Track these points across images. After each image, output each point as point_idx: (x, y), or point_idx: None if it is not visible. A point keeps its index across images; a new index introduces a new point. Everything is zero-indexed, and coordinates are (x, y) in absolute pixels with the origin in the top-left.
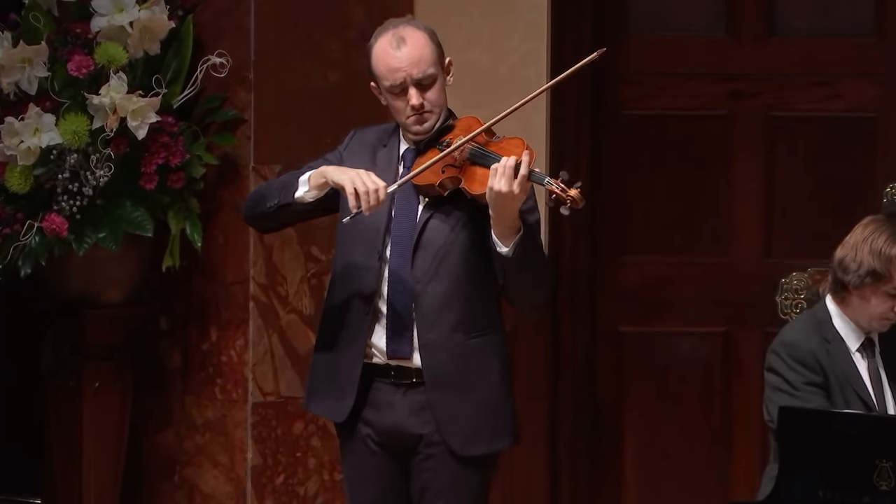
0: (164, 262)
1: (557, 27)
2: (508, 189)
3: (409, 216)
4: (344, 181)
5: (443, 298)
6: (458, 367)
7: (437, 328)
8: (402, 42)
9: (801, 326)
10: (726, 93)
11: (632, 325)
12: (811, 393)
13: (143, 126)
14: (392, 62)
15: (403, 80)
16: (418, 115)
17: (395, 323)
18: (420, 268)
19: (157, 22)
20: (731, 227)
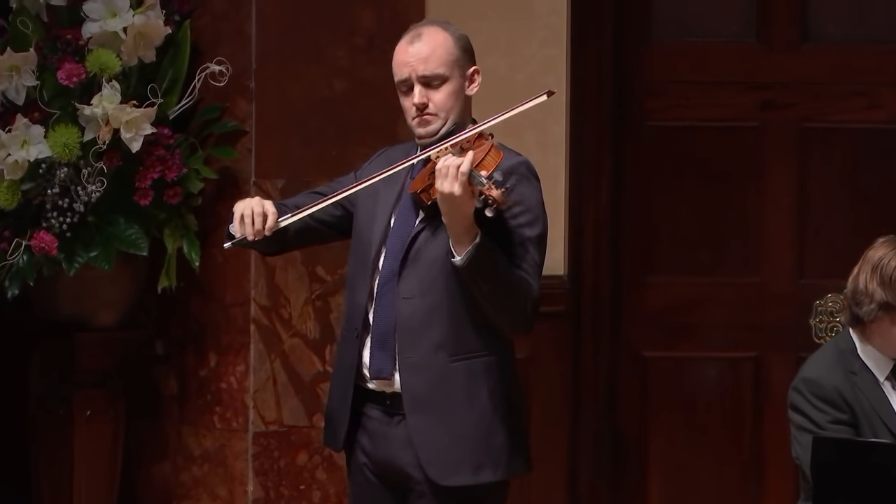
0: (160, 282)
1: (578, 33)
2: (450, 190)
3: (404, 228)
4: (236, 208)
5: (426, 316)
6: (439, 391)
7: (419, 348)
8: (417, 38)
9: (823, 360)
10: (757, 103)
11: (657, 350)
12: (838, 431)
13: (138, 138)
14: (402, 56)
15: (409, 75)
16: (420, 117)
17: (379, 340)
18: (406, 282)
19: (153, 27)
20: (762, 245)
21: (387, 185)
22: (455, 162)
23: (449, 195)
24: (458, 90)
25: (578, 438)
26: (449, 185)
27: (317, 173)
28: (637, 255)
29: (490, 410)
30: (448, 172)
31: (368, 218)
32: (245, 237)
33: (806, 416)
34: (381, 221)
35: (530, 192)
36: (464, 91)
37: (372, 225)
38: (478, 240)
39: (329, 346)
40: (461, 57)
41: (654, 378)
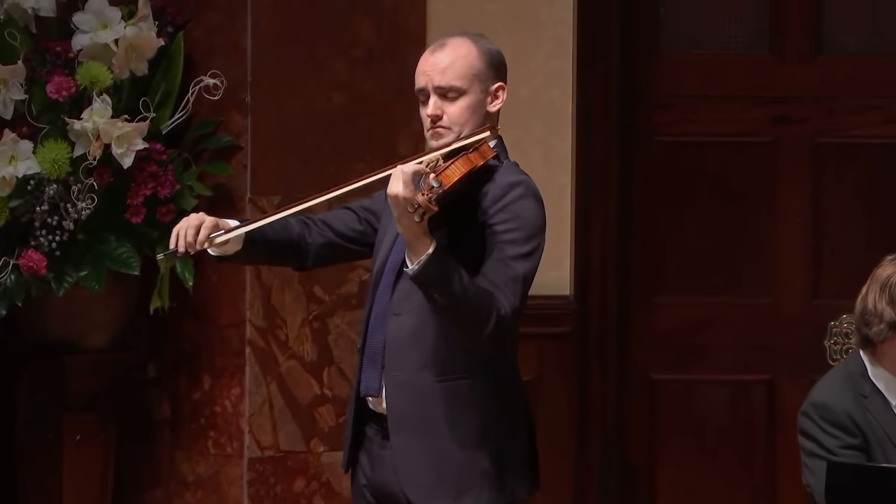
0: (152, 303)
1: (584, 45)
2: (394, 191)
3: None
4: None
5: (413, 334)
6: (421, 412)
7: (406, 366)
8: (440, 48)
9: (833, 383)
10: (770, 117)
11: (666, 373)
12: (850, 457)
13: (129, 154)
14: (422, 64)
15: (425, 85)
16: (433, 129)
17: (369, 356)
18: (398, 298)
19: (145, 39)
20: (775, 264)
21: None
22: (402, 166)
23: (393, 196)
24: (476, 105)
25: (585, 464)
26: (394, 185)
27: (314, 190)
28: (645, 275)
29: (477, 435)
30: (395, 174)
31: (382, 232)
32: (176, 250)
33: (816, 441)
34: (390, 235)
35: (524, 209)
36: (483, 107)
37: (384, 238)
38: (430, 249)
39: (327, 368)
40: (484, 71)
41: (663, 401)
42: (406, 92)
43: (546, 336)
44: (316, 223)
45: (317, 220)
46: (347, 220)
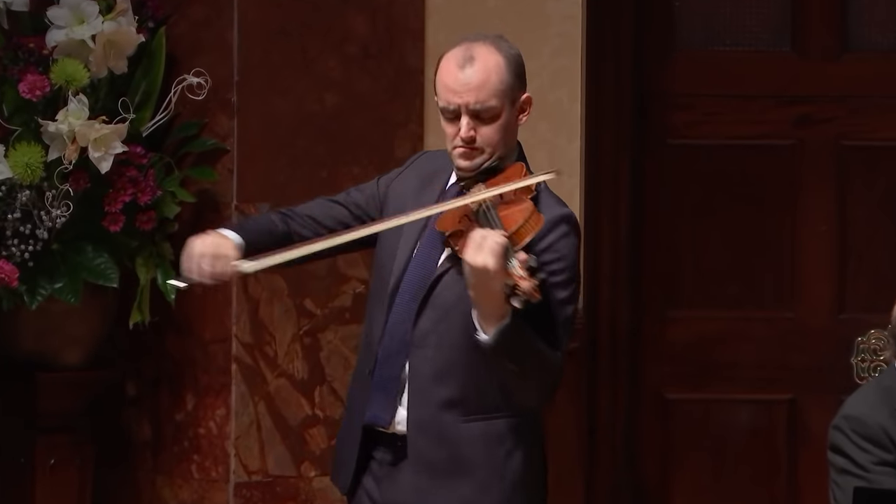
0: (132, 317)
1: (594, 41)
2: (483, 264)
3: (426, 264)
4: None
5: (439, 370)
6: (446, 454)
7: (429, 405)
8: (469, 61)
9: (867, 397)
10: (792, 118)
11: (681, 392)
12: (884, 474)
13: (107, 158)
14: (451, 81)
15: (457, 106)
16: (466, 149)
17: (380, 382)
18: (422, 329)
19: (124, 35)
20: (797, 276)
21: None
22: (493, 236)
23: (482, 269)
24: (509, 123)
25: (595, 489)
26: (483, 258)
27: (305, 196)
28: (659, 287)
29: (509, 476)
30: (483, 245)
31: (391, 243)
32: (191, 280)
33: (848, 456)
34: (404, 251)
35: (568, 248)
36: (515, 123)
37: (395, 252)
38: (509, 319)
39: (318, 387)
40: (514, 84)
41: (679, 422)
42: (404, 91)
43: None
44: (300, 217)
45: (300, 215)
46: (338, 216)
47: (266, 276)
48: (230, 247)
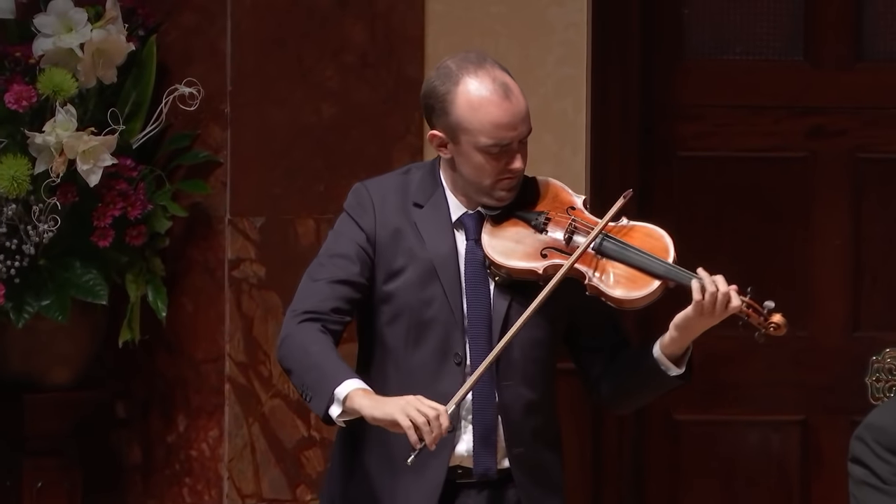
0: (122, 335)
1: (600, 50)
2: (720, 315)
3: (482, 298)
4: (394, 415)
5: (527, 404)
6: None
7: (522, 439)
8: (508, 90)
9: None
10: (805, 130)
11: (689, 413)
12: None
13: (96, 170)
14: (502, 117)
15: (512, 139)
16: (514, 180)
17: (482, 436)
18: (505, 366)
19: (114, 44)
20: (810, 293)
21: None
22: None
23: (708, 318)
24: None
25: None
26: (721, 310)
27: (301, 211)
28: (667, 304)
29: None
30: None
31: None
32: (425, 446)
33: (868, 468)
34: (453, 296)
35: None
36: None
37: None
38: (691, 348)
39: None
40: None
41: (687, 444)
42: (403, 102)
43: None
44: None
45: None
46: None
47: (260, 292)
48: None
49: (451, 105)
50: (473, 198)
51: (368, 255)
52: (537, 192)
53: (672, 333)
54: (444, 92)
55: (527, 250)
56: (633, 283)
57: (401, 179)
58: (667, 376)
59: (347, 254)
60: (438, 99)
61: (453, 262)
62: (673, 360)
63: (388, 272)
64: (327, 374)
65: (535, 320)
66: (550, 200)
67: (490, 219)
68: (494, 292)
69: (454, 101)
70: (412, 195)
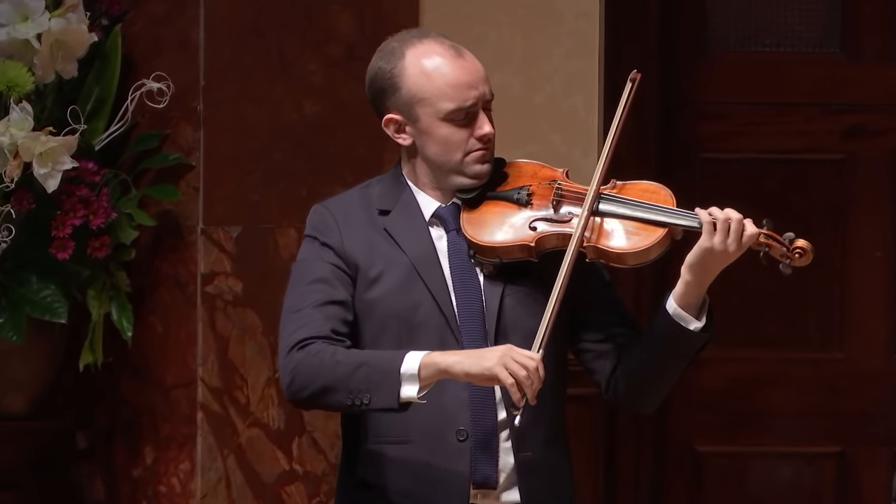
0: (83, 358)
1: (613, 41)
2: (736, 249)
3: (473, 292)
4: (495, 370)
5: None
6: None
7: (532, 443)
8: (459, 49)
9: None
10: (841, 129)
11: (713, 443)
12: None
13: (55, 175)
14: (460, 75)
15: (476, 100)
16: (486, 150)
17: (482, 441)
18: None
19: (74, 34)
20: (847, 311)
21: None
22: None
23: (730, 254)
24: None
25: None
26: (735, 242)
27: (282, 219)
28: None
29: None
30: (735, 227)
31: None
32: (527, 401)
33: None
34: (441, 294)
35: None
36: None
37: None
38: (708, 299)
39: (297, 438)
40: None
41: (711, 479)
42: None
43: (567, 398)
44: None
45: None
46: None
47: (237, 310)
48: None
49: (400, 78)
50: (446, 183)
51: (345, 272)
52: (515, 171)
53: (686, 278)
54: (391, 68)
55: (514, 226)
56: (636, 234)
57: (361, 193)
58: (688, 332)
59: (323, 277)
60: (386, 78)
61: (434, 259)
62: (691, 312)
63: (365, 282)
64: (382, 361)
65: (536, 309)
66: (530, 176)
67: (467, 206)
68: (485, 284)
69: (403, 73)
70: (376, 205)
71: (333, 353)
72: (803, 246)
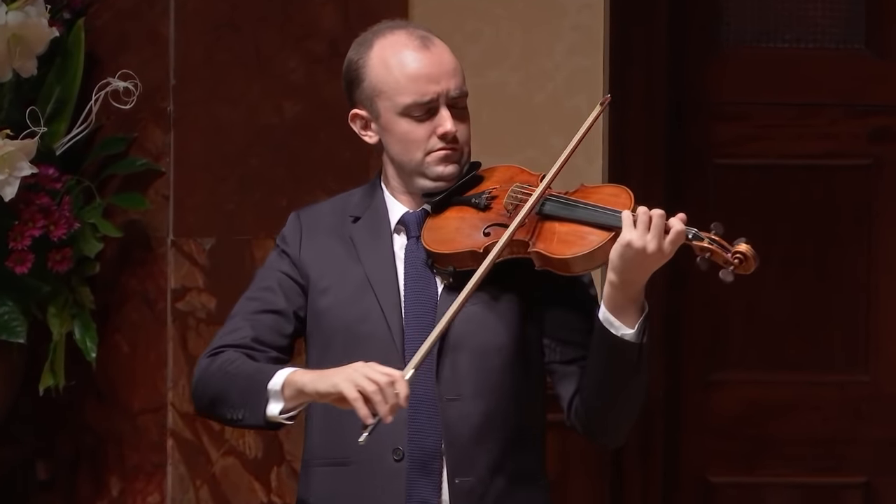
0: (43, 381)
1: (619, 37)
2: (657, 247)
3: (425, 303)
4: (340, 387)
5: (480, 424)
6: None
7: (474, 467)
8: (428, 41)
9: None
10: (867, 132)
11: (728, 473)
12: None
13: (12, 181)
14: (420, 68)
15: (436, 95)
16: (449, 150)
17: (420, 462)
18: (448, 375)
19: (34, 29)
20: (874, 328)
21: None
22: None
23: (654, 253)
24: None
25: None
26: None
27: (259, 230)
28: (701, 344)
29: None
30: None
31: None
32: (380, 420)
33: None
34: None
35: None
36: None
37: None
38: (647, 308)
39: (276, 468)
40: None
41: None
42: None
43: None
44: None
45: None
46: (277, 327)
47: (210, 328)
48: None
49: (364, 70)
50: (412, 186)
51: (296, 281)
52: (490, 175)
53: (609, 277)
54: (357, 59)
55: (468, 232)
56: (578, 238)
57: (341, 200)
58: (616, 339)
59: (269, 285)
60: (353, 69)
61: (390, 269)
62: (623, 317)
63: (316, 292)
64: (255, 378)
65: (490, 323)
66: (504, 180)
67: (434, 211)
68: (441, 295)
69: (367, 65)
70: (350, 211)
71: (230, 364)
72: (743, 251)
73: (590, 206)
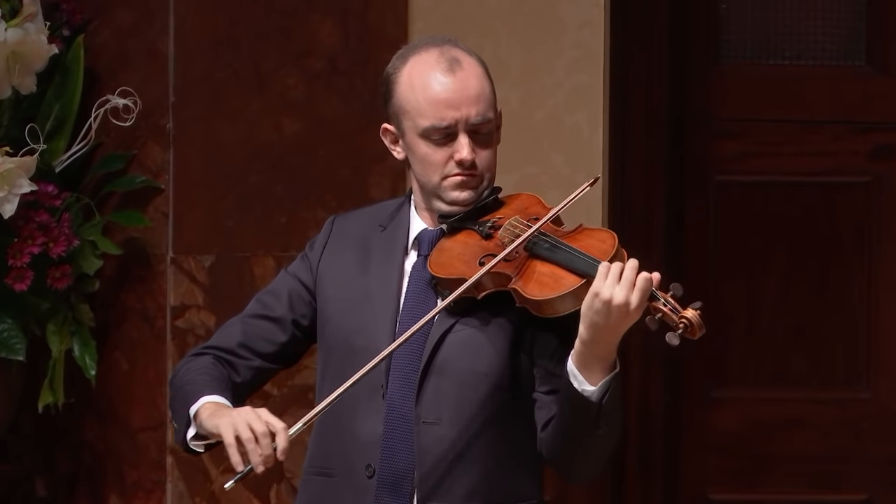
0: (42, 398)
1: (620, 53)
2: (625, 299)
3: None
4: (221, 429)
5: (456, 449)
6: None
7: (447, 494)
8: (456, 64)
9: None
10: (868, 150)
11: (729, 491)
12: None
13: (12, 199)
14: (441, 92)
15: (454, 121)
16: (466, 176)
17: (390, 482)
18: (428, 401)
19: (33, 46)
20: (875, 345)
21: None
22: (632, 266)
23: (622, 307)
24: (497, 140)
25: None
26: (626, 294)
27: (258, 248)
28: (701, 360)
29: None
30: (627, 278)
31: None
32: (251, 468)
33: None
34: (384, 319)
35: None
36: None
37: (367, 325)
38: (618, 367)
39: (275, 485)
40: (494, 93)
41: None
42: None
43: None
44: (238, 355)
45: (237, 351)
46: (269, 335)
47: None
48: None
49: (394, 85)
50: (431, 205)
51: (307, 287)
52: (509, 203)
53: (580, 331)
54: (392, 72)
55: (466, 259)
56: (554, 280)
57: (380, 207)
58: (577, 394)
59: (278, 290)
60: (386, 83)
61: (394, 285)
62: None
63: (323, 300)
64: (188, 398)
65: (479, 350)
66: (515, 209)
67: (449, 232)
68: (439, 317)
69: (397, 81)
70: (381, 220)
71: (192, 372)
72: (689, 317)
73: (572, 251)
